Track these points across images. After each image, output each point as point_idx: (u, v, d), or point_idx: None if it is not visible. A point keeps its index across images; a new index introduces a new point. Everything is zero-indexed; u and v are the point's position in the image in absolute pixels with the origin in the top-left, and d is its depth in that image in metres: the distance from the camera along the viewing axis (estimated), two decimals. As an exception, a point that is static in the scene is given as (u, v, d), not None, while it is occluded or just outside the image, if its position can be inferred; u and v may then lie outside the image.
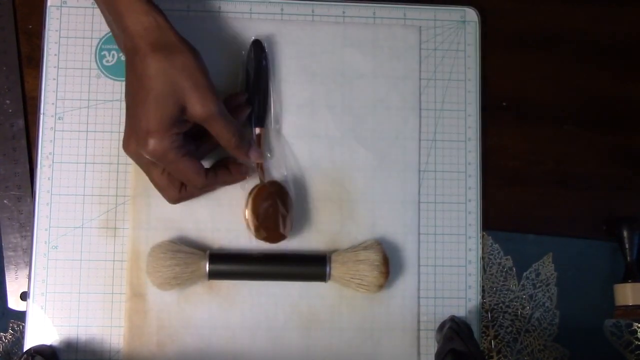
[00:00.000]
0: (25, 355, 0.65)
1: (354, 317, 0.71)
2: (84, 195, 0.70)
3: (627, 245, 0.73)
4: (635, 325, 0.74)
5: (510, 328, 0.73)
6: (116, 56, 0.72)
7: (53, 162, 0.70)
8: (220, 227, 0.70)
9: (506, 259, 0.74)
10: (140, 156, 0.62)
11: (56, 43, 0.72)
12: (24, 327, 0.69)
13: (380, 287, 0.68)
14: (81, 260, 0.69)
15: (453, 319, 0.69)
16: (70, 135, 0.71)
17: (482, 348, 0.72)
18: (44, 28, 0.72)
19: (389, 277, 0.69)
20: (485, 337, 0.72)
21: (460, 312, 0.72)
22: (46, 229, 0.70)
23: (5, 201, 0.71)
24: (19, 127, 0.71)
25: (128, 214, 0.70)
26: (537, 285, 0.73)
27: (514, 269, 0.73)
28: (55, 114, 0.71)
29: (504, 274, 0.73)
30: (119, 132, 0.70)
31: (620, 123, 0.77)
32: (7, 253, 0.70)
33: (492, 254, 0.73)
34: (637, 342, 0.73)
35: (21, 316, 0.69)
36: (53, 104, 0.71)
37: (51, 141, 0.71)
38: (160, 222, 0.70)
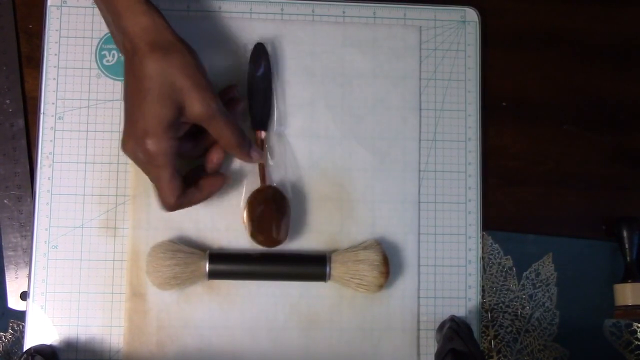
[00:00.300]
0: (25, 355, 0.65)
1: (354, 317, 0.71)
2: (84, 195, 0.70)
3: (627, 245, 0.73)
4: (635, 325, 0.74)
5: (510, 328, 0.73)
6: (116, 56, 0.72)
7: (53, 162, 0.70)
8: (220, 227, 0.70)
9: (506, 259, 0.74)
10: (138, 157, 0.62)
11: (56, 43, 0.72)
12: (24, 326, 0.69)
13: (380, 287, 0.68)
14: (81, 260, 0.69)
15: (453, 319, 0.69)
16: (70, 135, 0.71)
17: (482, 348, 0.72)
18: (44, 28, 0.72)
19: (388, 277, 0.69)
20: (485, 337, 0.72)
21: (460, 312, 0.72)
22: (46, 229, 0.70)
23: (5, 201, 0.71)
24: (19, 127, 0.71)
25: (128, 213, 0.70)
26: (537, 285, 0.73)
27: (514, 269, 0.73)
28: (55, 113, 0.71)
29: (504, 274, 0.73)
30: (119, 132, 0.70)
31: (620, 123, 0.77)
32: (7, 253, 0.70)
33: (492, 254, 0.73)
34: (636, 342, 0.73)
35: (21, 316, 0.69)
36: (53, 103, 0.71)
37: (51, 141, 0.71)
38: (160, 222, 0.70)
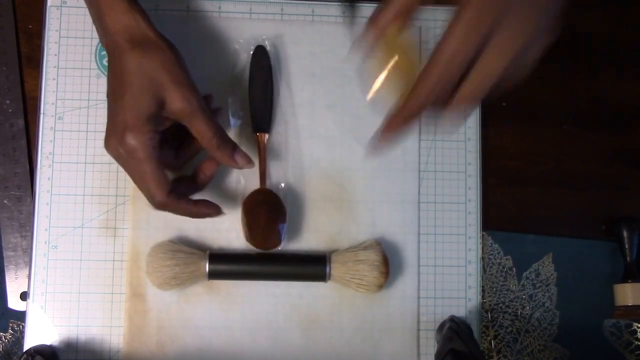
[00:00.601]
0: (25, 355, 0.65)
1: (354, 317, 0.71)
2: (83, 195, 0.70)
3: (626, 245, 0.73)
4: (635, 325, 0.74)
5: (510, 328, 0.73)
6: (116, 56, 0.72)
7: (53, 162, 0.70)
8: (220, 227, 0.70)
9: (506, 259, 0.74)
10: (119, 153, 0.60)
11: (56, 43, 0.72)
12: (23, 327, 0.69)
13: (380, 287, 0.68)
14: (81, 260, 0.69)
15: (453, 319, 0.69)
16: (70, 135, 0.71)
17: (482, 348, 0.72)
18: (44, 28, 0.72)
19: (388, 277, 0.69)
20: (485, 337, 0.72)
21: (460, 312, 0.72)
22: (46, 229, 0.70)
23: (5, 201, 0.71)
24: (19, 127, 0.71)
25: (128, 214, 0.70)
26: (537, 285, 0.73)
27: (514, 269, 0.73)
28: (55, 113, 0.71)
29: (504, 274, 0.73)
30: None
31: (620, 123, 0.77)
32: (7, 253, 0.70)
33: (492, 254, 0.73)
34: (636, 342, 0.73)
35: (21, 316, 0.69)
36: (53, 104, 0.71)
37: (51, 141, 0.71)
38: (160, 222, 0.70)
